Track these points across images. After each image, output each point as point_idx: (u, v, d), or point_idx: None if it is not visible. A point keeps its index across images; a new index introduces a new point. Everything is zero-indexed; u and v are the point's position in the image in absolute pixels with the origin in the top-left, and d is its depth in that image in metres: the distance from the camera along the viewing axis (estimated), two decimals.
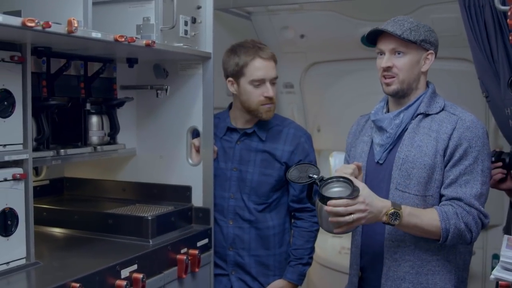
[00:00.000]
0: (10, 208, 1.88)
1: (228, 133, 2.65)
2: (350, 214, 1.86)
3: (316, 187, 1.98)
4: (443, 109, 2.10)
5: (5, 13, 1.62)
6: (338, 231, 1.93)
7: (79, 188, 2.90)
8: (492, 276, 1.76)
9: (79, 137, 2.41)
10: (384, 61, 2.08)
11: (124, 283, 1.98)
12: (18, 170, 1.91)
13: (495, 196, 2.56)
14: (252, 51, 2.52)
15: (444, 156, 2.02)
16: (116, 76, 2.60)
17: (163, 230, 2.38)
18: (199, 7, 2.51)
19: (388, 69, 2.08)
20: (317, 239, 2.68)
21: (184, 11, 2.39)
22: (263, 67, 2.52)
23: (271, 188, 2.59)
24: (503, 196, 2.67)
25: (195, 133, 2.64)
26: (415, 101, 2.11)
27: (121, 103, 2.59)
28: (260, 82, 2.51)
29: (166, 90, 2.64)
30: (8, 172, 1.88)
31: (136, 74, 2.74)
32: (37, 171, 2.75)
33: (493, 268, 1.79)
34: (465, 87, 3.33)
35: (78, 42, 1.99)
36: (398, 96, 2.12)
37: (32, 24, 1.62)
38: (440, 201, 2.04)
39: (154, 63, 2.69)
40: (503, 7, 1.85)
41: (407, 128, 2.10)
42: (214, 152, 2.61)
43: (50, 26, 1.68)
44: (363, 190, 1.90)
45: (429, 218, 1.96)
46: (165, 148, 2.70)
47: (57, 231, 2.46)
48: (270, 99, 2.54)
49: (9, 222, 1.87)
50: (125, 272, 2.03)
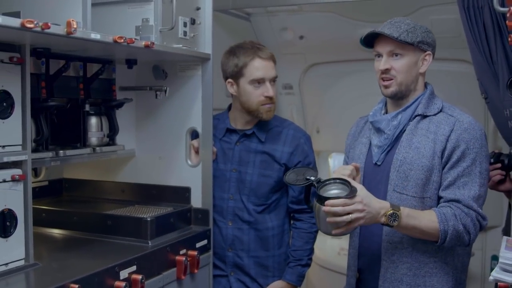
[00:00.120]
0: (9, 209, 1.88)
1: (228, 134, 2.65)
2: (348, 214, 1.86)
3: (314, 190, 1.97)
4: (441, 111, 2.09)
5: (4, 14, 1.62)
6: (337, 232, 1.92)
7: (78, 189, 2.90)
8: (491, 278, 1.75)
9: (78, 138, 2.40)
10: (382, 64, 2.09)
11: (123, 284, 1.98)
12: (17, 171, 1.90)
13: (494, 198, 2.57)
14: (251, 52, 2.53)
15: (442, 158, 2.02)
16: (115, 77, 2.60)
17: (162, 231, 2.38)
18: (198, 8, 2.52)
19: (386, 72, 2.08)
20: (316, 240, 2.68)
21: (183, 12, 2.39)
22: (263, 67, 2.52)
23: (271, 189, 2.59)
24: (502, 198, 2.67)
25: (194, 134, 2.64)
26: (413, 103, 2.11)
27: (120, 104, 2.59)
28: (260, 82, 2.51)
29: (165, 91, 2.64)
30: (7, 173, 1.87)
31: (135, 75, 2.74)
32: (36, 172, 2.74)
33: (492, 270, 1.78)
34: (464, 89, 3.33)
35: (77, 43, 1.99)
36: (397, 98, 2.12)
37: (31, 25, 1.61)
38: (438, 203, 2.03)
39: (153, 64, 2.69)
40: (502, 9, 1.85)
41: (405, 130, 2.10)
42: (213, 153, 2.61)
43: (49, 27, 1.67)
44: (361, 191, 1.90)
45: (428, 220, 1.96)
46: (164, 149, 2.70)
47: (56, 232, 2.46)
48: (271, 99, 2.54)
49: (8, 223, 1.87)
50: (124, 273, 2.03)
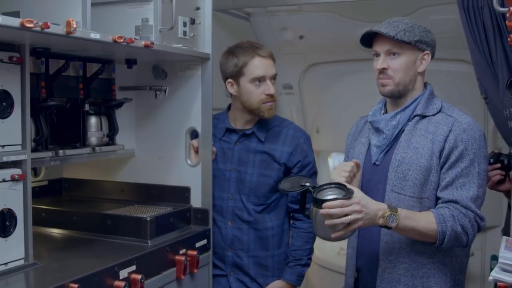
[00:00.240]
0: (9, 209, 1.88)
1: (227, 134, 2.65)
2: (346, 216, 1.85)
3: (310, 197, 1.96)
4: (440, 111, 2.09)
5: (4, 14, 1.62)
6: (336, 236, 1.89)
7: (78, 189, 2.90)
8: (491, 278, 1.76)
9: (78, 138, 2.40)
10: (379, 63, 2.09)
11: (123, 284, 1.98)
12: (17, 171, 1.90)
13: (494, 198, 2.57)
14: (250, 51, 2.53)
15: (440, 158, 2.01)
16: (115, 77, 2.60)
17: (162, 231, 2.38)
18: (198, 8, 2.52)
19: (383, 71, 2.08)
20: (316, 240, 2.68)
21: (183, 12, 2.39)
22: (263, 65, 2.52)
23: (270, 189, 2.59)
24: (502, 198, 2.67)
25: (194, 134, 2.64)
26: (412, 103, 2.10)
27: (120, 104, 2.59)
28: (261, 80, 2.52)
29: (165, 91, 2.64)
30: (7, 173, 1.87)
31: (135, 75, 2.73)
32: (36, 172, 2.74)
33: (492, 270, 1.78)
34: (464, 89, 3.33)
35: (77, 43, 1.99)
36: (394, 97, 2.12)
37: (31, 25, 1.61)
38: (436, 204, 2.03)
39: (153, 64, 2.69)
40: (502, 9, 1.85)
41: (404, 130, 2.09)
42: (213, 153, 2.61)
43: (49, 27, 1.68)
44: (358, 193, 1.89)
45: (426, 221, 1.95)
46: (164, 149, 2.70)
47: (56, 232, 2.46)
48: (272, 97, 2.54)
49: (8, 223, 1.87)
50: (124, 273, 2.03)
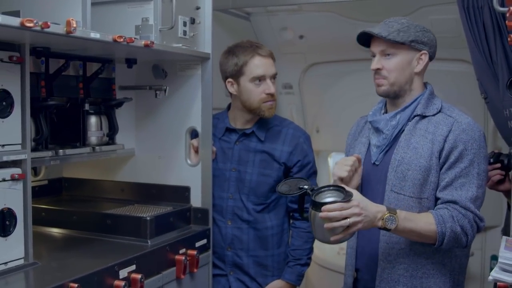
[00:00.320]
0: (9, 208, 1.88)
1: (227, 134, 2.65)
2: (346, 219, 1.84)
3: (308, 199, 1.96)
4: (440, 111, 2.08)
5: (4, 14, 1.62)
6: (335, 239, 1.89)
7: (78, 188, 2.90)
8: (491, 277, 1.76)
9: (78, 138, 2.40)
10: (374, 63, 2.10)
11: (123, 284, 1.98)
12: (17, 170, 1.91)
13: (494, 198, 2.57)
14: (250, 50, 2.53)
15: (440, 159, 2.01)
16: (115, 77, 2.60)
17: (162, 231, 2.38)
18: (198, 8, 2.52)
19: (378, 71, 2.09)
20: (316, 240, 2.68)
21: (183, 12, 2.39)
22: (263, 64, 2.52)
23: (270, 189, 2.59)
24: (502, 198, 2.66)
25: (194, 134, 2.64)
26: (412, 103, 2.10)
27: (120, 104, 2.59)
28: (261, 79, 2.52)
29: (165, 91, 2.64)
30: (7, 172, 1.88)
31: (135, 75, 2.73)
32: (36, 171, 2.75)
33: (492, 269, 1.78)
34: (464, 88, 3.33)
35: (77, 43, 1.99)
36: (390, 97, 2.13)
37: (31, 25, 1.62)
38: (436, 204, 2.02)
39: (153, 64, 2.69)
40: (502, 9, 1.85)
41: (404, 130, 2.09)
42: (213, 153, 2.62)
43: (49, 27, 1.68)
44: (356, 195, 1.89)
45: (425, 222, 1.94)
46: (164, 149, 2.70)
47: (56, 231, 2.46)
48: (272, 96, 2.55)
49: (8, 222, 1.87)
50: (124, 273, 2.03)
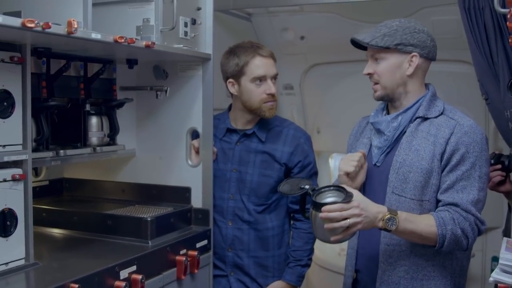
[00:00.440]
0: (10, 209, 1.88)
1: (228, 134, 2.65)
2: (346, 219, 1.84)
3: (309, 198, 1.96)
4: (442, 113, 2.07)
5: (5, 14, 1.62)
6: (336, 239, 1.89)
7: (79, 189, 2.90)
8: (491, 279, 1.75)
9: (79, 138, 2.40)
10: (365, 69, 2.12)
11: (123, 284, 1.98)
12: (18, 171, 1.90)
13: (495, 199, 2.57)
14: (251, 50, 2.53)
15: (441, 161, 2.00)
16: (116, 77, 2.60)
17: (162, 231, 2.38)
18: (199, 9, 2.52)
19: (371, 76, 2.11)
20: (316, 241, 2.68)
21: (184, 13, 2.39)
22: (264, 65, 2.53)
23: (271, 189, 2.59)
24: (503, 199, 2.66)
25: (195, 134, 2.64)
26: (414, 104, 2.09)
27: (121, 104, 2.59)
28: (262, 80, 2.52)
29: (166, 91, 2.64)
30: (8, 173, 1.87)
31: (136, 75, 2.74)
32: (37, 172, 2.74)
33: (493, 271, 1.78)
34: (465, 89, 3.33)
35: (78, 43, 1.99)
36: (386, 101, 2.15)
37: (32, 25, 1.61)
38: (437, 207, 2.02)
39: (154, 64, 2.69)
40: (503, 10, 1.84)
41: (405, 131, 2.08)
42: (214, 153, 2.62)
43: (50, 27, 1.67)
44: (357, 196, 1.89)
45: (426, 224, 1.94)
46: (165, 149, 2.70)
47: (56, 232, 2.46)
48: (273, 96, 2.55)
49: (8, 223, 1.87)
50: (124, 273, 2.03)
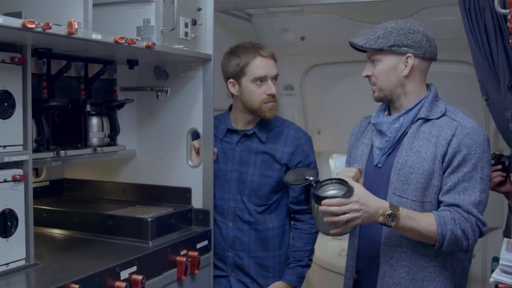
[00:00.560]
0: (10, 209, 1.88)
1: (228, 135, 2.65)
2: (345, 214, 1.86)
3: (313, 190, 1.98)
4: (444, 114, 2.07)
5: (6, 15, 1.62)
6: (335, 232, 1.92)
7: (79, 190, 2.90)
8: (492, 279, 1.75)
9: (79, 139, 2.40)
10: (363, 71, 2.14)
11: (124, 285, 1.98)
12: (18, 171, 1.90)
13: (495, 199, 2.56)
14: (252, 51, 2.54)
15: (443, 162, 2.00)
16: (117, 78, 2.60)
17: (163, 232, 2.38)
18: (200, 9, 2.52)
19: (369, 78, 2.13)
20: (317, 241, 2.68)
21: (185, 13, 2.39)
22: (264, 65, 2.53)
23: (271, 190, 2.59)
24: (503, 200, 2.67)
25: (195, 135, 2.64)
26: (416, 105, 2.09)
27: (121, 105, 2.59)
28: (262, 80, 2.52)
29: (167, 92, 2.64)
30: (8, 173, 1.87)
31: (137, 76, 2.74)
32: (37, 172, 2.74)
33: (493, 271, 1.78)
34: (465, 90, 3.33)
35: (79, 44, 1.99)
36: (385, 102, 2.16)
37: (33, 26, 1.61)
38: (438, 208, 2.01)
39: (155, 65, 2.69)
40: (503, 10, 1.84)
41: (407, 133, 2.08)
42: (214, 154, 2.62)
43: (51, 28, 1.67)
44: (358, 190, 1.90)
45: (426, 223, 1.94)
46: (165, 150, 2.70)
47: (57, 232, 2.46)
48: (273, 97, 2.55)
49: (9, 223, 1.87)
50: (125, 274, 2.03)
